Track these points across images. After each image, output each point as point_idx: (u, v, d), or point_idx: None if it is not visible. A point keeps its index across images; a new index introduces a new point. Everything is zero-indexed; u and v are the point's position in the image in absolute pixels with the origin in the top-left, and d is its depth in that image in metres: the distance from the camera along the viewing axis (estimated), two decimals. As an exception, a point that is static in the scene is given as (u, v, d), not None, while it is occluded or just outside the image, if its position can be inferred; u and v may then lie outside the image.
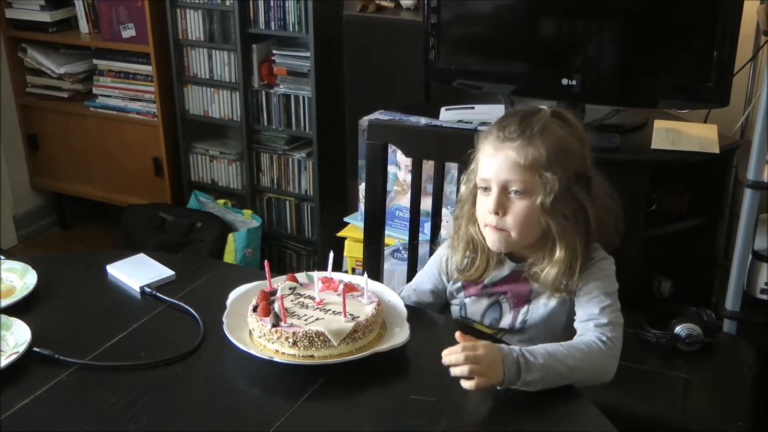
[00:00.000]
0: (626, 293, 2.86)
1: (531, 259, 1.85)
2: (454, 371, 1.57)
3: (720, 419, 2.33)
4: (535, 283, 1.84)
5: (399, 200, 2.99)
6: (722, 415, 2.35)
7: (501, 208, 1.78)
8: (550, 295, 1.84)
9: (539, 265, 1.83)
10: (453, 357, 1.58)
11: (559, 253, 1.79)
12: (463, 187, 1.92)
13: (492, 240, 1.83)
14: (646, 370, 2.52)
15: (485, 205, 1.81)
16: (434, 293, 2.00)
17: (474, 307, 1.93)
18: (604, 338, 1.71)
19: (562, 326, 1.86)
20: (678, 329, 2.56)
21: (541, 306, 1.86)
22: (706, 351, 2.57)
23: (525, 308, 1.88)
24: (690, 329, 2.55)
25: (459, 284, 1.95)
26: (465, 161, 1.92)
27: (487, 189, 1.81)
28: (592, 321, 1.75)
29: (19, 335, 1.75)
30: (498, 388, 1.59)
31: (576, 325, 1.78)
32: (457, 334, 1.63)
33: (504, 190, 1.78)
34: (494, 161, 1.79)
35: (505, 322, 1.90)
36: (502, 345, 1.63)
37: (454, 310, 1.97)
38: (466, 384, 1.56)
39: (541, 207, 1.76)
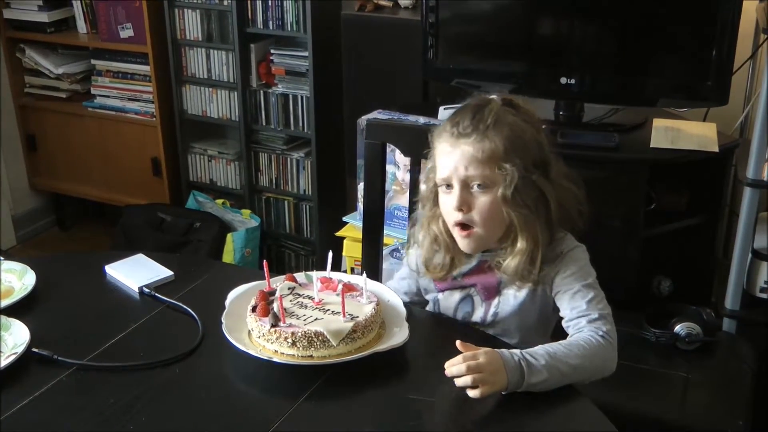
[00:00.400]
0: (626, 292, 2.88)
1: (495, 248, 1.86)
2: (458, 382, 1.57)
3: (720, 418, 2.33)
4: (499, 272, 1.84)
5: (398, 199, 2.99)
6: (722, 413, 2.35)
7: (465, 205, 1.78)
8: (519, 286, 1.84)
9: (502, 255, 1.83)
10: (455, 369, 1.58)
11: (520, 244, 1.79)
12: (423, 186, 1.91)
13: (463, 244, 1.83)
14: (645, 369, 2.52)
15: (449, 202, 1.81)
16: (409, 294, 2.01)
17: (447, 302, 1.93)
18: (601, 332, 1.71)
19: (534, 319, 1.87)
20: (677, 328, 2.56)
21: (511, 298, 1.86)
22: (705, 350, 2.57)
23: (496, 301, 1.88)
24: (689, 328, 2.55)
25: (432, 285, 1.95)
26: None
27: (449, 186, 1.81)
28: (584, 317, 1.74)
29: (18, 336, 1.75)
30: (503, 393, 1.58)
31: (566, 323, 1.78)
32: (458, 343, 1.63)
33: (466, 186, 1.78)
34: (452, 158, 1.78)
35: (477, 315, 1.90)
36: (503, 350, 1.62)
37: (428, 306, 1.97)
38: (471, 393, 1.56)
39: (503, 199, 1.76)
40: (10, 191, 4.40)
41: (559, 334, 1.81)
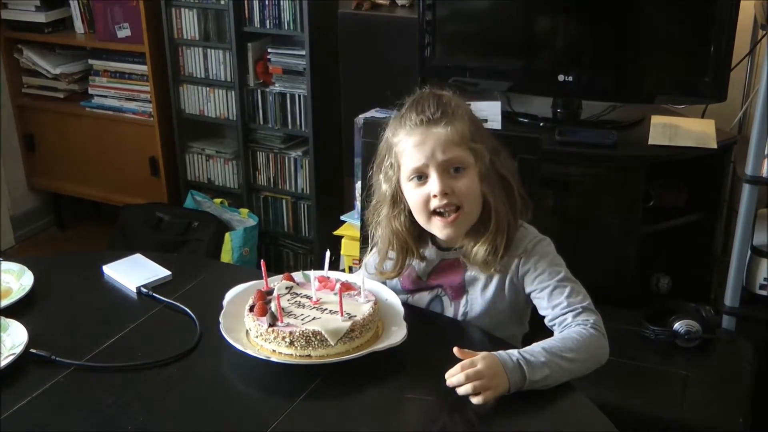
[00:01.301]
0: (624, 290, 2.88)
1: (458, 244, 1.87)
2: (460, 391, 1.56)
3: (719, 415, 2.33)
4: (465, 260, 1.86)
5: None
6: (721, 411, 2.34)
7: (448, 188, 1.78)
8: (484, 279, 1.86)
9: (469, 242, 1.84)
10: (455, 379, 1.57)
11: (492, 226, 1.81)
12: (384, 186, 1.90)
13: (445, 232, 1.83)
14: (644, 366, 2.52)
15: (425, 192, 1.80)
16: None
17: (417, 303, 1.94)
18: (589, 324, 1.72)
19: (506, 313, 1.88)
20: (677, 326, 2.56)
21: (479, 296, 1.87)
22: (704, 347, 2.57)
23: (464, 300, 1.89)
24: (689, 326, 2.55)
25: (399, 287, 1.95)
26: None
27: (421, 177, 1.81)
28: (568, 313, 1.75)
29: (15, 336, 1.75)
30: (508, 393, 1.58)
31: (550, 322, 1.79)
32: (455, 350, 1.63)
33: (444, 171, 1.78)
34: (426, 147, 1.79)
35: (447, 315, 1.91)
36: (500, 351, 1.62)
37: None
38: (475, 400, 1.55)
39: (480, 177, 1.80)
40: (8, 191, 4.40)
41: (539, 324, 1.83)
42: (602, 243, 2.93)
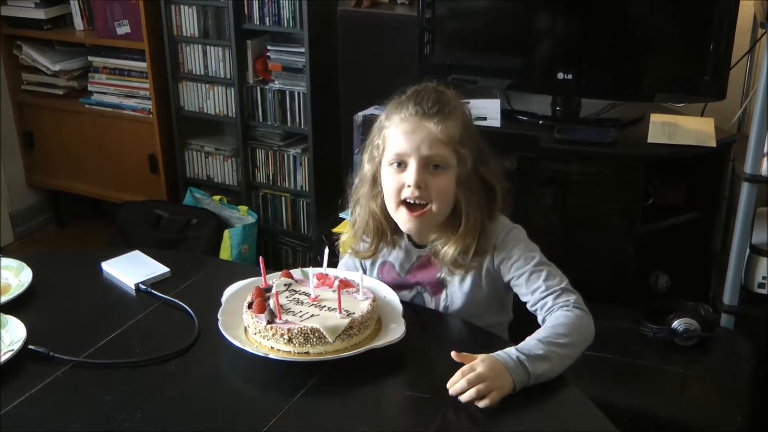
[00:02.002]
0: (623, 288, 2.88)
1: (433, 237, 1.88)
2: (463, 398, 1.56)
3: (718, 414, 2.33)
4: (435, 258, 1.88)
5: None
6: (720, 409, 2.34)
7: (423, 182, 1.79)
8: (459, 275, 1.87)
9: (440, 241, 1.86)
10: (458, 386, 1.57)
11: (462, 229, 1.83)
12: (366, 166, 1.92)
13: (408, 225, 1.85)
14: (643, 365, 2.52)
15: (400, 180, 1.82)
16: None
17: None
18: (570, 304, 1.74)
19: (486, 302, 1.90)
20: (675, 324, 2.55)
21: (457, 290, 1.90)
22: (703, 346, 2.57)
23: (443, 294, 1.92)
24: (687, 324, 2.55)
25: (377, 277, 1.97)
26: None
27: (401, 164, 1.82)
28: (549, 296, 1.77)
29: (14, 333, 1.75)
30: (515, 391, 1.58)
31: (532, 306, 1.81)
32: (453, 354, 1.63)
33: (424, 165, 1.80)
34: (414, 137, 1.80)
35: None
36: (498, 352, 1.62)
37: None
38: (481, 404, 1.55)
39: (458, 181, 1.81)
40: (7, 188, 4.39)
41: (521, 309, 1.85)
42: (601, 241, 2.94)
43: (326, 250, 1.85)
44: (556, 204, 2.98)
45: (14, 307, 1.88)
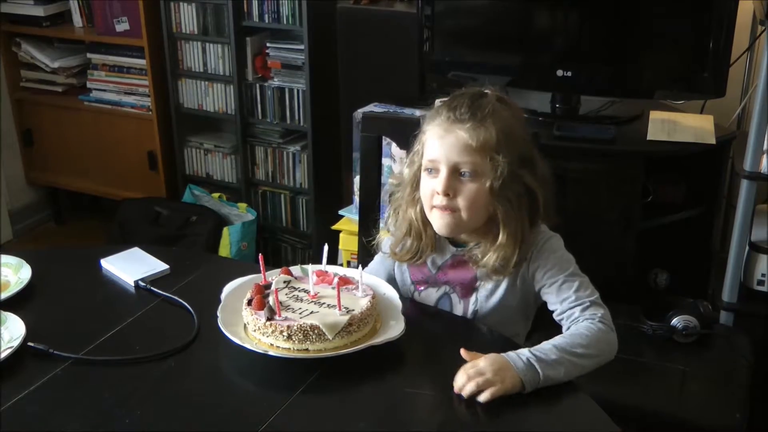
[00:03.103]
0: (623, 285, 2.88)
1: (472, 243, 1.86)
2: (465, 392, 1.55)
3: (717, 411, 2.33)
4: (474, 265, 1.85)
5: (394, 193, 2.98)
6: (719, 406, 2.35)
7: (451, 190, 1.78)
8: (495, 280, 1.85)
9: (480, 248, 1.84)
10: (458, 381, 1.57)
11: (501, 238, 1.80)
12: (406, 170, 1.91)
13: (441, 224, 1.83)
14: (642, 362, 2.52)
15: (432, 186, 1.81)
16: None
17: (425, 300, 1.94)
18: (597, 318, 1.72)
19: (514, 310, 1.88)
20: (675, 321, 2.56)
21: (489, 294, 1.87)
22: (702, 343, 2.57)
23: (473, 298, 1.89)
24: (687, 321, 2.55)
25: (408, 278, 1.95)
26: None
27: (434, 170, 1.81)
28: (576, 307, 1.76)
29: (13, 330, 1.75)
30: (525, 392, 1.57)
31: (558, 316, 1.79)
32: (462, 352, 1.63)
33: (454, 172, 1.78)
34: (444, 142, 1.79)
35: (457, 313, 1.91)
36: (509, 352, 1.62)
37: None
38: (481, 398, 1.54)
39: (490, 190, 1.77)
40: (6, 185, 4.39)
41: (543, 321, 1.84)
42: (600, 238, 2.93)
43: (326, 247, 1.85)
44: (556, 201, 2.97)
45: (13, 304, 1.87)
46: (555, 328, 1.78)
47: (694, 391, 2.40)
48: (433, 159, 1.80)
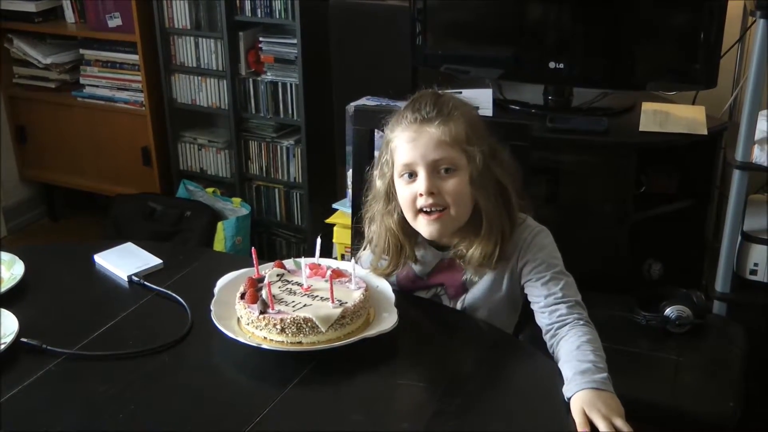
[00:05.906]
0: (616, 276, 2.89)
1: (457, 240, 1.87)
2: None
3: (710, 400, 2.33)
4: (461, 261, 1.86)
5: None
6: (713, 396, 2.35)
7: (435, 188, 1.78)
8: (482, 275, 1.87)
9: (464, 244, 1.85)
10: None
11: (484, 230, 1.81)
12: (378, 183, 1.91)
13: (430, 228, 1.83)
14: (636, 352, 2.52)
15: (413, 190, 1.81)
16: None
17: None
18: (583, 320, 1.75)
19: (503, 302, 1.89)
20: (668, 311, 2.56)
21: (478, 291, 1.89)
22: (696, 333, 2.57)
23: (463, 297, 1.91)
24: (680, 311, 2.55)
25: (394, 281, 1.95)
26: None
27: (412, 175, 1.81)
28: (562, 303, 1.77)
29: (6, 326, 1.75)
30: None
31: (541, 308, 1.80)
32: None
33: (433, 170, 1.79)
34: (418, 144, 1.79)
35: None
36: (591, 382, 1.59)
37: None
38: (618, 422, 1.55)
39: (470, 181, 1.79)
40: (0, 182, 4.39)
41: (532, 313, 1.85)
42: (594, 229, 2.94)
43: (318, 240, 1.85)
44: (549, 193, 2.98)
45: (6, 300, 1.87)
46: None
47: (687, 381, 2.41)
48: (409, 162, 1.80)
